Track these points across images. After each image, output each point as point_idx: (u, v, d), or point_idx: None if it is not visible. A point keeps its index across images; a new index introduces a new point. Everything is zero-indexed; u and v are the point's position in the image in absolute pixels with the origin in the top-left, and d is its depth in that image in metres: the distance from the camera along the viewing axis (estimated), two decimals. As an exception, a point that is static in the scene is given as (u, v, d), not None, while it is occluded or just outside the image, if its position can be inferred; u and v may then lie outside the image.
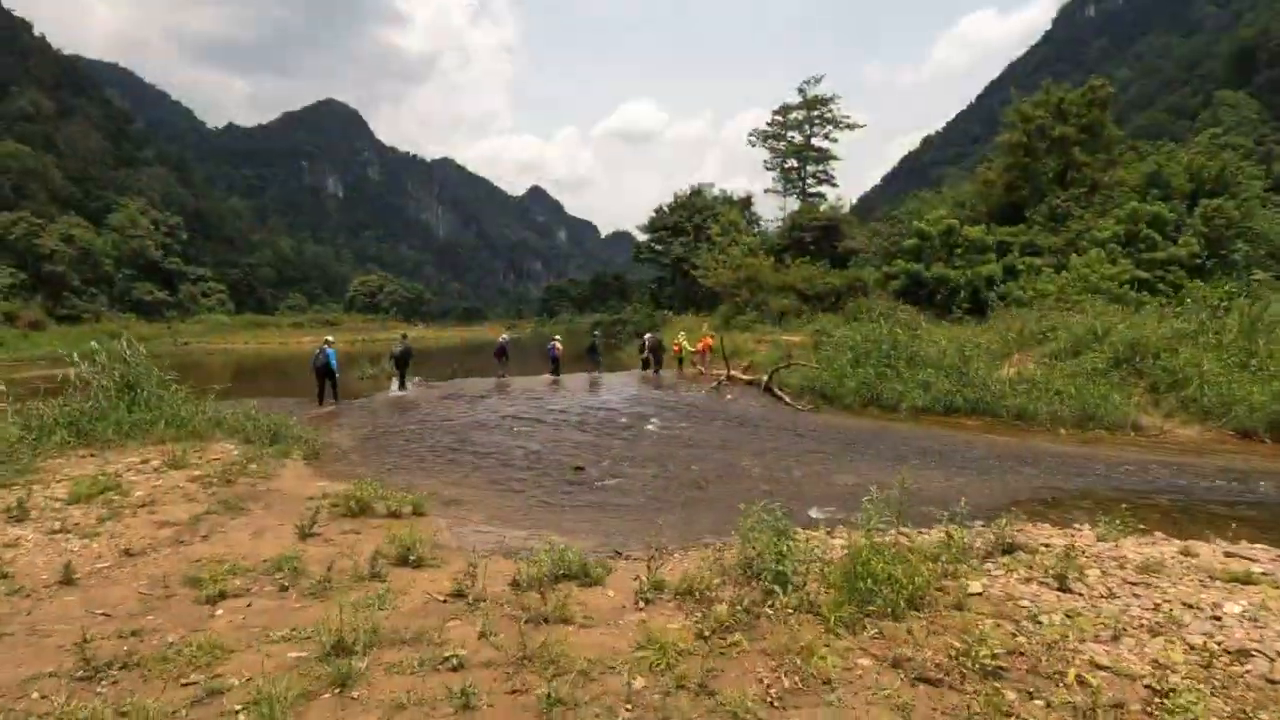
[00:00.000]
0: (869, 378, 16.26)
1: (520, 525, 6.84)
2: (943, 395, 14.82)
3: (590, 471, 9.23)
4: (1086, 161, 37.30)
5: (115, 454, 8.85)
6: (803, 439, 12.24)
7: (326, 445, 10.68)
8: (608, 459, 10.09)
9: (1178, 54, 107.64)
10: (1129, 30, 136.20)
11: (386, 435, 12.04)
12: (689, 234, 65.43)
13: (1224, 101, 73.53)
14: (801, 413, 15.47)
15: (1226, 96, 74.38)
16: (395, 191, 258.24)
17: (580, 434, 12.17)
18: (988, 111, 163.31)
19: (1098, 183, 37.18)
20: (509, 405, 15.66)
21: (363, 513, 6.58)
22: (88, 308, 68.19)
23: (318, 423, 13.25)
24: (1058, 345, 16.35)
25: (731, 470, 9.47)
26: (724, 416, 14.78)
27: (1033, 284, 31.65)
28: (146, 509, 6.49)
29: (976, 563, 5.07)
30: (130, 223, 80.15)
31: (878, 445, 11.69)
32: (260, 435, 10.23)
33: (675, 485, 8.56)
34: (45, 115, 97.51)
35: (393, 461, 9.89)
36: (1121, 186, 36.81)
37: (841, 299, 39.02)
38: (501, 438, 11.71)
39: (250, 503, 6.95)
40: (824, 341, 21.14)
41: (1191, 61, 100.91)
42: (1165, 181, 36.15)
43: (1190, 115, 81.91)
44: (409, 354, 17.83)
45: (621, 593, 4.70)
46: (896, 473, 9.79)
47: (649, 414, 14.50)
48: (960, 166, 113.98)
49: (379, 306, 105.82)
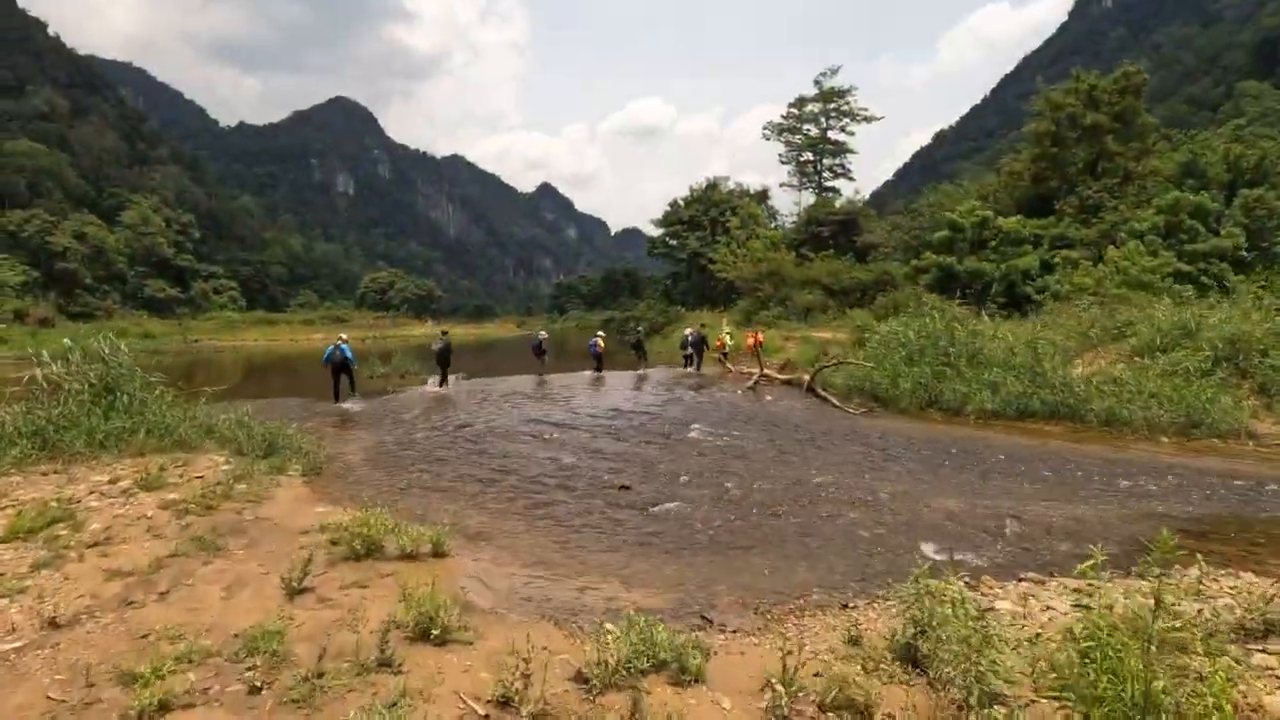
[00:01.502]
0: (925, 377, 14.73)
1: (567, 570, 5.42)
2: (1015, 397, 13.26)
3: (639, 492, 7.80)
4: (1119, 151, 35.72)
5: (84, 469, 7.55)
6: (868, 449, 10.76)
7: (330, 458, 9.32)
8: (655, 475, 8.66)
9: (1198, 44, 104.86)
10: (1147, 21, 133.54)
11: (400, 444, 10.69)
12: (705, 228, 63.96)
13: (1247, 93, 71.58)
14: (855, 416, 13.98)
15: (1249, 88, 72.34)
16: (405, 189, 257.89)
17: (617, 442, 10.74)
18: (1002, 105, 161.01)
19: (1131, 173, 35.55)
20: (538, 407, 14.29)
21: (370, 554, 5.18)
22: (100, 305, 67.68)
23: (324, 428, 11.94)
24: (1138, 341, 14.74)
25: (803, 490, 8.02)
26: (770, 420, 13.32)
27: (1068, 277, 30.11)
28: (99, 549, 5.14)
29: (1238, 652, 3.58)
30: (142, 220, 79.74)
31: (956, 456, 10.19)
32: (254, 446, 8.89)
33: (744, 511, 7.12)
34: (60, 114, 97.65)
35: (406, 478, 8.51)
36: (1155, 176, 35.28)
37: (868, 294, 37.58)
38: (531, 447, 10.30)
39: (231, 538, 5.58)
40: (867, 338, 19.59)
41: (1212, 52, 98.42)
42: (1201, 171, 34.50)
43: (1211, 107, 79.52)
44: (449, 351, 17.88)
45: (737, 699, 3.27)
46: (994, 490, 8.44)
47: (689, 418, 13.07)
48: (974, 161, 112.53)
49: (389, 304, 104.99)
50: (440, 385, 17.35)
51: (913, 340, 16.03)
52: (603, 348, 21.79)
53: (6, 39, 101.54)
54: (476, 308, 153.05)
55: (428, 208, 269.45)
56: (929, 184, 68.50)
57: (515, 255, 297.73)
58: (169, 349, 45.44)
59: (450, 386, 17.41)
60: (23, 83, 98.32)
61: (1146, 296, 24.18)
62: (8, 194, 75.31)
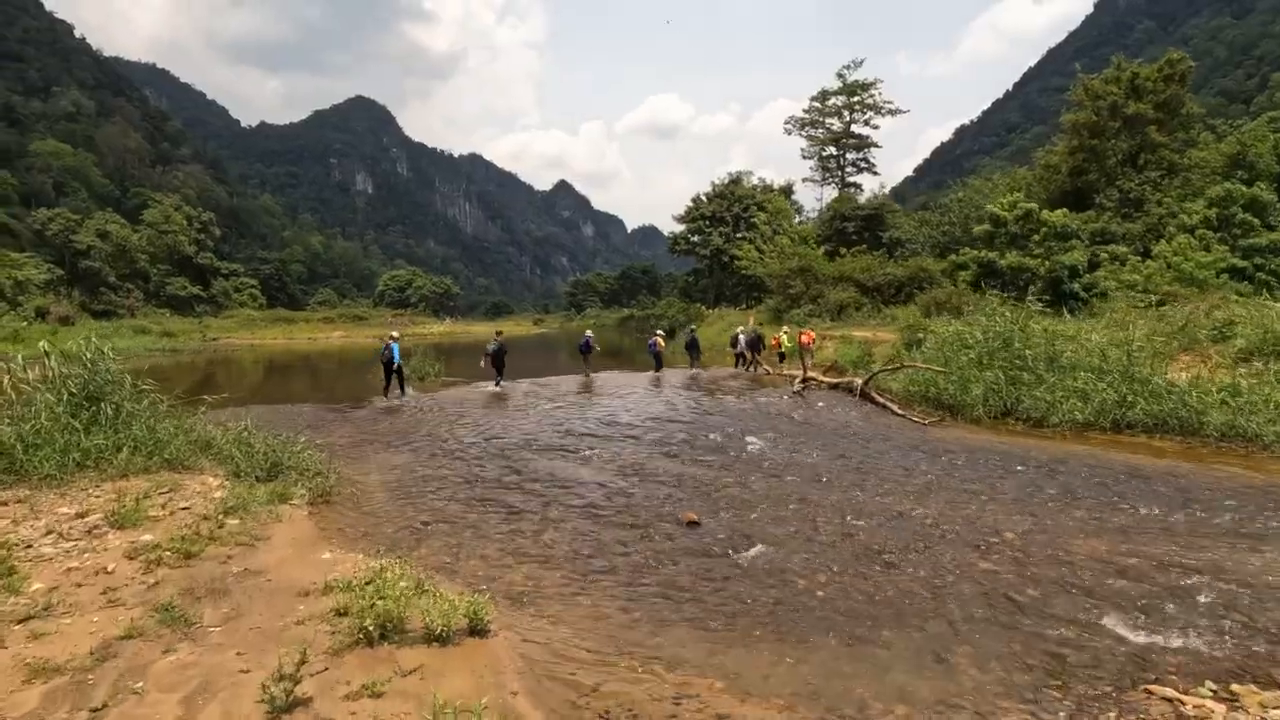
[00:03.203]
0: (998, 382, 13.20)
1: (646, 658, 4.06)
2: (1110, 406, 11.71)
3: (711, 528, 6.44)
4: (1163, 142, 33.74)
5: (52, 497, 6.36)
6: (955, 468, 9.29)
7: (344, 479, 8.06)
8: (721, 503, 7.29)
9: (1229, 36, 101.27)
10: (1176, 13, 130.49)
11: (424, 460, 9.44)
12: (729, 224, 62.39)
13: None
14: (924, 426, 12.51)
15: None
16: (423, 187, 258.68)
17: (669, 459, 9.39)
18: (1025, 100, 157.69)
19: (1175, 165, 33.63)
20: (578, 416, 12.97)
21: (387, 635, 3.88)
22: (122, 303, 67.77)
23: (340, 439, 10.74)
24: (1245, 343, 13.08)
25: (909, 527, 6.60)
26: (831, 431, 11.90)
27: (1114, 274, 28.38)
28: (31, 626, 3.89)
29: None
30: (164, 219, 79.92)
31: (1063, 477, 8.69)
32: (254, 466, 7.66)
33: (849, 559, 5.72)
34: (85, 115, 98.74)
35: (431, 507, 7.22)
36: (1201, 169, 33.29)
37: (903, 290, 35.94)
38: (573, 465, 8.98)
39: (209, 605, 4.31)
40: (920, 338, 18.06)
41: (1245, 44, 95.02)
42: (1251, 163, 32.43)
43: (1244, 99, 76.53)
44: (504, 352, 18.07)
45: None
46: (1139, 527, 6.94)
47: (741, 427, 11.70)
48: (995, 157, 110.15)
49: (408, 301, 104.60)
50: (496, 385, 17.57)
51: (981, 341, 14.47)
52: (662, 347, 21.19)
53: (35, 41, 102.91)
54: (494, 305, 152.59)
55: (445, 206, 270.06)
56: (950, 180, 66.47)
57: (532, 253, 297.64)
58: (187, 347, 44.96)
59: (504, 386, 17.59)
60: (49, 84, 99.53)
61: (1198, 293, 22.87)
62: (35, 193, 75.97)
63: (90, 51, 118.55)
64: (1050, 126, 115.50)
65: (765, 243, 50.11)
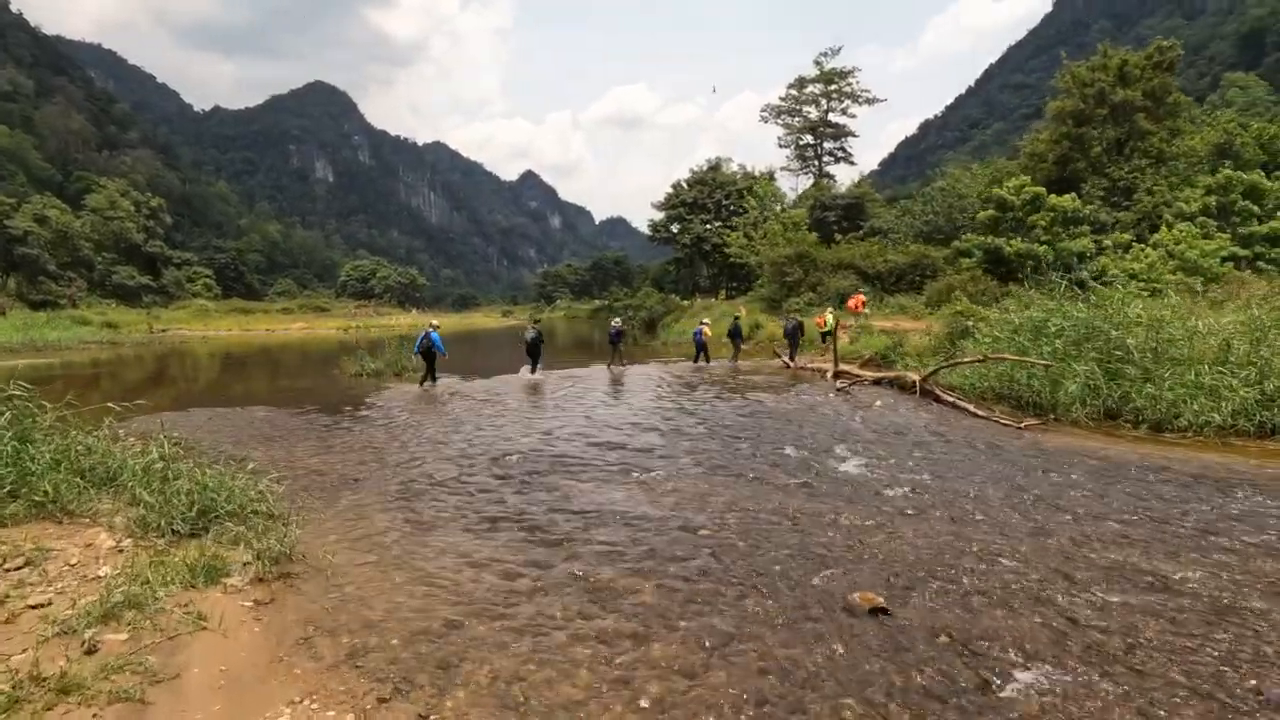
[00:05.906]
0: (1094, 378, 11.16)
1: None
2: (1250, 408, 9.73)
3: (907, 622, 4.07)
4: (1151, 130, 32.93)
5: None
6: (1154, 497, 6.95)
7: (311, 530, 5.48)
8: (888, 567, 4.95)
9: (1182, 36, 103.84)
10: (1130, 13, 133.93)
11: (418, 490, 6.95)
12: (710, 211, 60.20)
13: (1233, 83, 70.58)
14: (1020, 431, 10.40)
15: (1236, 79, 71.41)
16: (386, 176, 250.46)
17: (747, 485, 7.08)
18: (988, 96, 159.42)
19: (1163, 153, 32.86)
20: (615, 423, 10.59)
21: None
22: (64, 292, 62.61)
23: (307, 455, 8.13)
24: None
25: (1189, 619, 4.33)
26: (913, 441, 9.74)
27: (1115, 261, 27.67)
28: None
29: None
30: (110, 204, 74.50)
31: (1248, 510, 6.55)
32: (172, 516, 5.03)
33: (1196, 689, 3.42)
34: (23, 94, 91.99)
35: (432, 584, 4.71)
36: (1189, 157, 32.76)
37: (905, 277, 34.36)
38: (627, 496, 6.60)
39: None
40: (971, 328, 16.00)
41: (1197, 44, 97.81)
42: (1236, 152, 31.92)
43: (1198, 98, 77.80)
44: (541, 340, 18.00)
45: None
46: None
47: (813, 439, 9.44)
48: (959, 151, 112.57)
49: (372, 292, 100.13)
50: (532, 373, 17.53)
51: (1066, 330, 12.43)
52: (709, 335, 19.89)
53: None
54: (460, 297, 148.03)
55: (409, 195, 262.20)
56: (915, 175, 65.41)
57: (499, 244, 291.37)
58: (130, 339, 40.97)
59: (540, 374, 17.39)
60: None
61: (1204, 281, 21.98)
62: (-35, 175, 69.88)
63: (28, 28, 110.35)
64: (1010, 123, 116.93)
65: (753, 229, 48.08)
